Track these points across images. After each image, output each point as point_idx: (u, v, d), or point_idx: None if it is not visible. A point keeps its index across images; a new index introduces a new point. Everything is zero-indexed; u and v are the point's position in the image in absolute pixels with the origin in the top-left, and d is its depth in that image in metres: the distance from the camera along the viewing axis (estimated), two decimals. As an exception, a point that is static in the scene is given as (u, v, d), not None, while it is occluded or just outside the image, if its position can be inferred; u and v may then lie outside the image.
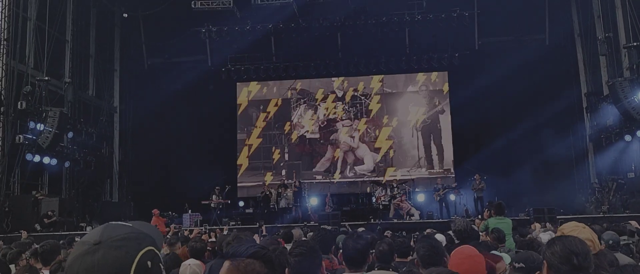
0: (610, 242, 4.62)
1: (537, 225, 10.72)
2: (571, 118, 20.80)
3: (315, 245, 2.99)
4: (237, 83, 22.84)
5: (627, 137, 16.93)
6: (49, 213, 16.32)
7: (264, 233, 9.32)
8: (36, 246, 5.94)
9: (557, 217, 13.63)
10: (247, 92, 23.10)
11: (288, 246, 4.69)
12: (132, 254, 1.21)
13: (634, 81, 16.07)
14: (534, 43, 21.20)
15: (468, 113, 20.40)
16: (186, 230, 13.07)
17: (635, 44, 16.36)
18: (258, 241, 6.46)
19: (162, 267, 1.30)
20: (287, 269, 2.84)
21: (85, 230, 16.59)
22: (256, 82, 22.83)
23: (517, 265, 3.40)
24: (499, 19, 20.24)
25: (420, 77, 22.40)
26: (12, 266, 4.61)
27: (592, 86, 20.18)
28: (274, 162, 22.55)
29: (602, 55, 18.10)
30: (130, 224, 1.32)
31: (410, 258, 4.81)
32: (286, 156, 22.59)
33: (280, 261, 3.00)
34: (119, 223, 1.31)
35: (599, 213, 16.00)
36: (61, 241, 7.51)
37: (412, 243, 5.73)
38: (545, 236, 6.13)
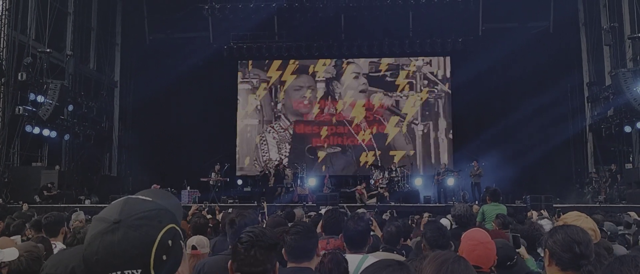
0: (609, 233, 4.68)
1: (534, 213, 10.77)
2: (572, 107, 20.82)
3: (311, 225, 3.05)
4: (239, 61, 22.76)
5: (627, 128, 16.98)
6: (49, 185, 16.37)
7: (263, 210, 9.35)
8: (35, 217, 5.96)
9: (554, 205, 13.73)
10: (247, 69, 23.06)
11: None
12: (153, 234, 1.17)
13: (637, 72, 16.05)
14: (537, 30, 21.11)
15: (469, 99, 20.40)
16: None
17: (639, 34, 16.30)
18: (260, 220, 6.50)
19: (182, 244, 1.27)
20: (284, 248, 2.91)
21: (84, 203, 16.69)
22: (258, 61, 22.77)
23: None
24: (504, 5, 20.11)
25: (422, 61, 22.33)
26: (16, 237, 4.65)
27: (594, 76, 20.15)
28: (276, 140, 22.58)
29: (606, 45, 18.04)
30: (150, 199, 1.26)
31: (410, 240, 4.86)
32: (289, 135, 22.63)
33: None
34: (139, 197, 1.27)
35: (595, 203, 16.11)
36: (64, 212, 7.54)
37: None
38: (543, 223, 6.18)
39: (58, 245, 4.35)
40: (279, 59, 22.48)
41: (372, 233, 5.12)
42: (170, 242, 1.20)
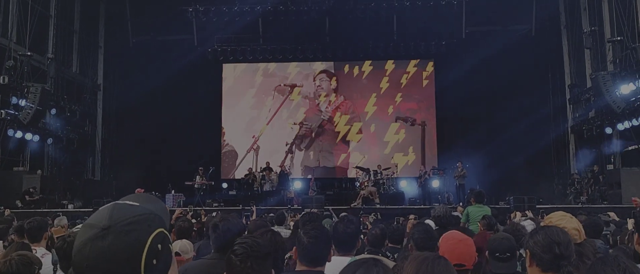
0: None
1: (518, 214, 10.88)
2: (554, 109, 21.08)
3: (328, 230, 3.04)
4: (223, 64, 22.70)
5: (608, 130, 17.23)
6: (31, 189, 16.17)
7: (253, 216, 9.34)
8: (16, 223, 5.88)
9: (537, 206, 13.87)
10: (232, 73, 23.00)
11: (280, 229, 4.75)
12: (143, 239, 1.18)
13: (616, 75, 16.28)
14: (520, 33, 21.37)
15: (453, 101, 20.57)
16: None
17: (619, 38, 16.51)
18: (245, 222, 6.50)
19: (170, 247, 1.27)
20: (295, 247, 2.90)
21: (68, 208, 16.50)
22: (242, 64, 22.72)
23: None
24: (487, 8, 20.33)
25: (407, 63, 22.46)
26: (-2, 243, 4.59)
27: (575, 78, 20.43)
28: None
29: (586, 48, 18.28)
30: (138, 203, 1.26)
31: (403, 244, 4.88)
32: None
33: (275, 240, 3.08)
34: (127, 202, 1.27)
35: (577, 204, 16.30)
36: (46, 217, 7.46)
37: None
38: (526, 224, 6.25)
39: (40, 251, 4.29)
40: (263, 61, 22.45)
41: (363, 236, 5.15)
42: (159, 246, 1.21)
